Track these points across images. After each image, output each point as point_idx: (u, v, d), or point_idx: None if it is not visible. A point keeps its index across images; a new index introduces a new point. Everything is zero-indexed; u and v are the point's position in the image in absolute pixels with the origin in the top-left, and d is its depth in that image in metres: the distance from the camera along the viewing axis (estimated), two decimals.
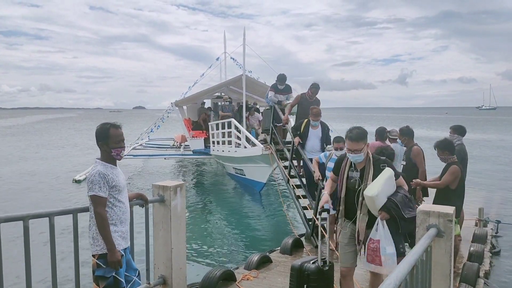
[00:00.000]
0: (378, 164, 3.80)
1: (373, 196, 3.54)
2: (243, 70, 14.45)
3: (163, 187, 4.21)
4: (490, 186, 14.47)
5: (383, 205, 3.60)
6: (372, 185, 3.63)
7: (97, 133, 3.40)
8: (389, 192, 3.67)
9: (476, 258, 5.99)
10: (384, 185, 3.59)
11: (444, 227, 2.98)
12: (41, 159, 23.67)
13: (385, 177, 3.64)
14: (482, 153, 24.84)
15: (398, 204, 3.58)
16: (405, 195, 3.70)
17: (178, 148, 20.75)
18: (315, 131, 7.83)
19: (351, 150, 3.73)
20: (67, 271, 5.90)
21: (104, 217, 3.23)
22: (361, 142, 3.71)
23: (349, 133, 3.76)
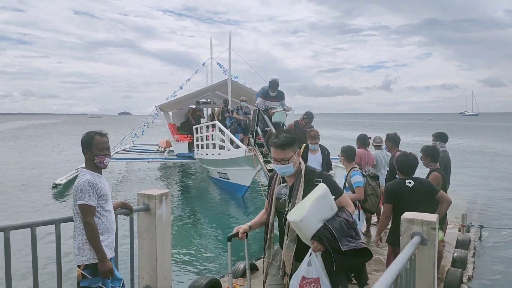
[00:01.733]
0: (311, 178, 2.95)
1: (296, 222, 2.64)
2: (228, 74, 14.47)
3: (148, 196, 4.17)
4: (473, 192, 14.69)
5: (315, 232, 2.70)
6: (298, 206, 2.77)
7: (82, 140, 3.38)
8: (323, 216, 2.77)
9: (460, 263, 6.06)
10: (313, 206, 2.68)
11: (428, 235, 3.02)
12: (23, 164, 23.25)
13: (315, 196, 2.73)
14: (465, 158, 25.24)
15: (334, 232, 2.68)
16: (345, 220, 2.80)
17: (162, 153, 20.61)
18: (315, 156, 7.21)
19: (277, 160, 2.93)
20: (50, 282, 5.79)
21: (94, 226, 3.19)
22: (288, 150, 2.90)
23: (274, 138, 2.96)
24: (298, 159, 2.99)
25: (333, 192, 2.86)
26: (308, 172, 3.00)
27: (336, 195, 2.90)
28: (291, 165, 2.93)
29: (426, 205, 4.20)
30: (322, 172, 3.01)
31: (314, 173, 2.99)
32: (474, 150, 31.74)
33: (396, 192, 4.50)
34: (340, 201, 2.94)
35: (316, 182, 2.88)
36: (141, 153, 21.91)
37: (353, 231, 2.79)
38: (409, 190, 4.45)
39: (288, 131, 3.03)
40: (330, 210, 2.80)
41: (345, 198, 3.01)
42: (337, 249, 2.66)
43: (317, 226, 2.71)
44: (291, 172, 2.96)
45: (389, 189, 4.60)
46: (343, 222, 2.76)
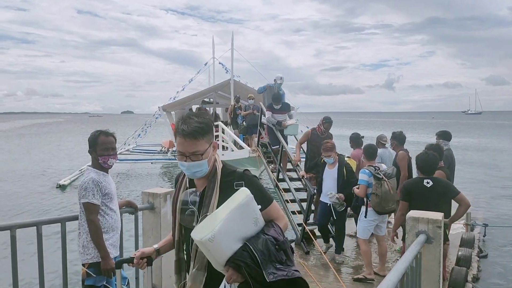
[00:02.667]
0: (230, 180, 2.14)
1: (203, 241, 1.87)
2: (231, 74, 14.47)
3: (152, 195, 4.18)
4: (477, 190, 14.66)
5: (231, 256, 1.92)
6: (207, 220, 1.97)
7: (89, 140, 3.39)
8: (244, 232, 2.00)
9: (464, 262, 6.05)
10: (230, 220, 1.94)
11: (433, 233, 3.02)
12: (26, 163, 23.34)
13: (233, 206, 1.97)
14: (468, 156, 25.17)
15: (256, 255, 1.92)
16: (273, 239, 2.03)
17: (165, 153, 20.65)
18: (331, 171, 6.34)
19: (184, 155, 2.07)
20: (55, 280, 5.81)
21: (98, 225, 3.20)
22: (202, 140, 2.07)
23: (182, 124, 2.08)
24: (214, 154, 2.20)
25: (260, 199, 2.08)
26: (226, 172, 2.18)
27: (263, 203, 2.11)
28: (205, 163, 2.09)
29: (442, 206, 4.20)
30: (245, 172, 2.19)
31: (234, 173, 2.17)
32: (478, 148, 31.66)
33: (411, 191, 4.53)
34: (269, 213, 2.15)
35: (236, 186, 2.11)
36: (144, 153, 21.97)
37: (284, 254, 2.02)
38: (426, 190, 4.46)
39: (201, 115, 2.14)
40: (253, 225, 2.02)
41: (275, 209, 2.20)
42: (260, 279, 1.92)
43: (234, 247, 1.94)
44: (204, 172, 2.11)
45: (406, 187, 4.63)
46: (270, 242, 1.99)
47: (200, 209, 2.11)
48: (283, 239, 2.06)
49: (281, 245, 2.04)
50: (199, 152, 2.06)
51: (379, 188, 5.22)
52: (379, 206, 5.26)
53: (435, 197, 4.42)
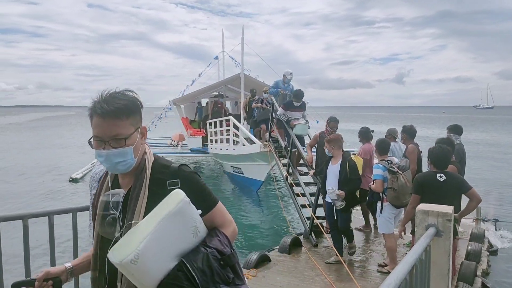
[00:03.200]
0: (162, 179, 1.69)
1: (123, 264, 1.47)
2: (241, 68, 14.45)
3: None
4: (488, 185, 14.53)
5: (163, 278, 1.53)
6: (129, 235, 1.53)
7: None
8: (179, 247, 1.58)
9: (474, 257, 6.02)
10: (159, 232, 1.53)
11: (443, 227, 3.00)
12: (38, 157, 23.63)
13: (164, 214, 1.55)
14: (480, 151, 24.91)
15: (195, 275, 1.53)
16: (217, 252, 1.61)
17: (175, 147, 20.74)
18: (333, 168, 5.96)
19: (103, 140, 1.62)
20: None
21: None
22: (126, 121, 1.63)
23: (99, 102, 1.63)
24: (143, 143, 1.75)
25: (200, 202, 1.66)
26: (157, 167, 1.72)
27: (204, 207, 1.68)
28: (130, 151, 1.64)
29: (453, 201, 4.17)
30: (180, 167, 1.72)
31: (168, 169, 1.71)
32: (489, 143, 31.32)
33: (424, 184, 4.50)
34: (212, 218, 1.72)
35: (170, 185, 1.65)
36: (154, 147, 22.09)
37: (231, 271, 1.62)
38: (439, 184, 4.43)
39: (124, 93, 1.67)
40: (191, 236, 1.60)
41: (220, 212, 1.76)
42: None
43: (167, 267, 1.53)
44: (129, 165, 1.66)
45: (418, 180, 4.60)
46: (212, 257, 1.57)
47: (124, 216, 1.64)
48: (230, 252, 1.62)
49: (227, 260, 1.60)
50: (122, 136, 1.61)
51: (395, 182, 5.21)
52: (396, 200, 5.24)
53: (448, 192, 4.39)
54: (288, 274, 5.65)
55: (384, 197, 5.43)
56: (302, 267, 5.92)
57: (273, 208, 11.80)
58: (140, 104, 1.72)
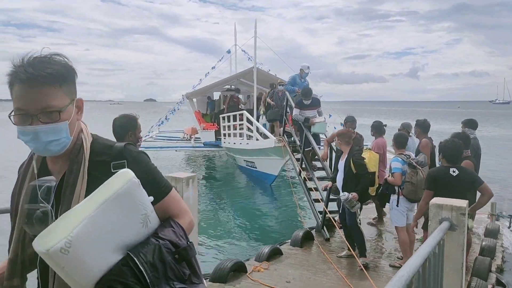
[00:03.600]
0: (104, 161, 1.41)
1: (50, 253, 1.14)
2: (254, 62, 14.42)
3: (175, 179, 4.25)
4: (503, 181, 14.32)
5: (103, 275, 1.22)
6: (58, 221, 1.21)
7: (125, 124, 3.48)
8: (125, 238, 1.29)
9: (488, 252, 5.97)
10: (99, 217, 1.23)
11: (457, 221, 2.98)
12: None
13: (107, 196, 1.26)
14: (495, 146, 24.53)
15: (144, 271, 1.26)
16: (171, 244, 1.36)
17: (188, 140, 20.86)
18: (340, 163, 5.89)
19: (28, 113, 1.29)
20: None
21: None
22: (59, 90, 1.32)
23: (22, 66, 1.28)
24: (79, 118, 1.46)
25: (152, 187, 1.40)
26: (98, 148, 1.43)
27: (157, 193, 1.42)
28: (65, 126, 1.34)
29: (467, 196, 4.13)
30: (127, 146, 1.44)
31: (112, 149, 1.42)
32: (505, 138, 30.82)
33: (437, 179, 4.46)
34: (166, 206, 1.47)
35: (115, 167, 1.38)
36: (167, 140, 22.25)
37: (186, 267, 1.38)
38: (452, 179, 4.39)
39: (52, 57, 1.34)
40: (140, 226, 1.32)
41: (175, 200, 1.52)
42: None
43: (108, 260, 1.24)
44: (64, 145, 1.36)
45: (432, 175, 4.55)
46: (165, 250, 1.32)
47: (58, 208, 1.33)
48: (186, 244, 1.38)
49: (183, 253, 1.36)
50: (55, 108, 1.29)
51: (414, 177, 5.20)
52: (414, 194, 5.22)
53: (461, 186, 4.34)
54: (299, 267, 5.67)
55: (399, 191, 5.40)
56: (314, 261, 5.93)
57: (286, 202, 11.81)
58: (74, 71, 1.38)
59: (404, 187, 5.31)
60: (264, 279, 5.15)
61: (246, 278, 5.21)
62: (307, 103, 8.82)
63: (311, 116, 8.74)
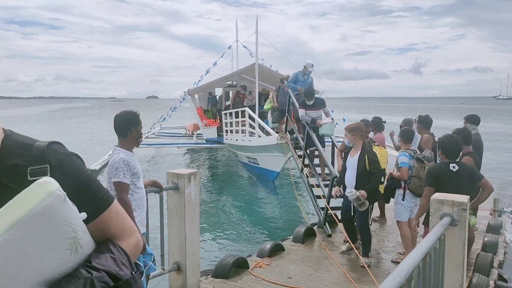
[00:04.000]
0: (20, 165, 1.03)
1: None
2: (255, 58, 14.39)
3: (177, 175, 4.27)
4: (505, 177, 14.27)
5: None
6: None
7: (129, 120, 3.47)
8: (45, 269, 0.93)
9: (490, 248, 5.95)
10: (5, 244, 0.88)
11: (458, 216, 2.97)
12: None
13: (19, 215, 0.90)
14: (498, 142, 24.46)
15: None
16: (109, 276, 1.00)
17: (190, 136, 20.87)
18: (352, 160, 5.55)
19: None
20: None
21: (129, 203, 3.31)
22: None
23: None
24: None
25: (84, 199, 1.09)
26: (12, 147, 1.07)
27: (91, 208, 1.10)
28: None
29: (468, 191, 4.12)
30: (51, 145, 1.10)
31: (31, 149, 1.07)
32: (509, 134, 30.70)
33: (438, 176, 4.45)
34: (103, 225, 1.13)
35: (33, 174, 1.03)
36: (169, 137, 22.28)
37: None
38: (453, 174, 4.39)
39: None
40: (67, 253, 0.99)
41: (118, 216, 1.18)
42: None
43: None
44: None
45: (432, 172, 4.54)
46: (99, 285, 0.97)
47: None
48: (130, 275, 1.06)
49: (125, 287, 1.03)
50: None
51: (422, 171, 5.18)
52: (421, 189, 5.20)
53: (462, 182, 4.34)
54: (301, 263, 5.67)
55: (405, 185, 5.40)
56: (316, 257, 5.93)
57: (288, 198, 11.82)
58: None
59: (411, 181, 5.30)
60: (266, 275, 5.16)
61: (248, 274, 5.21)
62: (310, 103, 8.60)
63: (316, 117, 8.51)
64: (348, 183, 5.55)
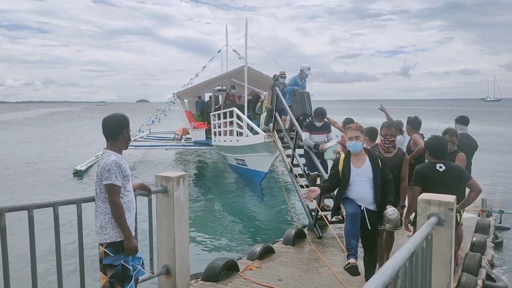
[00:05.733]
0: None
1: None
2: (244, 61, 14.40)
3: (166, 178, 4.24)
4: (494, 177, 14.45)
5: None
6: None
7: (119, 122, 3.44)
8: None
9: (479, 248, 6.01)
10: None
11: (445, 216, 3.00)
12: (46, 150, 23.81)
13: None
14: (486, 143, 24.74)
15: None
16: None
17: (179, 140, 20.84)
18: (361, 171, 4.37)
19: None
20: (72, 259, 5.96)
21: (120, 206, 3.27)
22: None
23: None
24: None
25: None
26: None
27: None
28: None
29: (455, 191, 4.15)
30: None
31: None
32: (496, 135, 31.09)
33: (424, 175, 4.48)
34: None
35: None
36: (158, 140, 22.19)
37: None
38: (439, 174, 4.42)
39: None
40: None
41: None
42: None
43: None
44: None
45: (418, 171, 4.56)
46: None
47: None
48: None
49: None
50: None
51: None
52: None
53: (449, 182, 4.37)
54: (292, 265, 5.67)
55: None
56: (306, 259, 5.94)
57: (277, 200, 11.83)
58: None
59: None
60: (256, 278, 5.15)
61: (238, 276, 5.20)
62: (319, 125, 7.80)
63: (320, 142, 7.71)
64: (363, 198, 4.36)
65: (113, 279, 3.30)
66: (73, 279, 4.81)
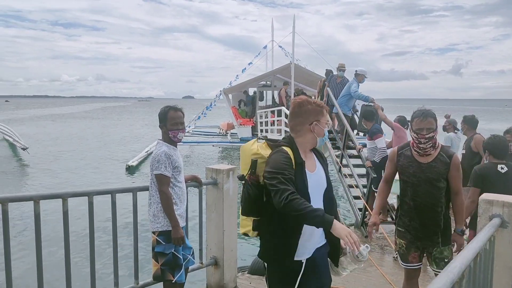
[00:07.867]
0: None
1: None
2: (292, 58, 14.36)
3: (216, 170, 4.30)
4: None
5: None
6: None
7: (159, 115, 3.53)
8: None
9: None
10: None
11: (509, 217, 2.84)
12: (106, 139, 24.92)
13: None
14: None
15: None
16: None
17: (224, 135, 21.09)
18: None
19: None
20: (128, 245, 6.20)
21: (169, 195, 3.35)
22: None
23: None
24: None
25: None
26: None
27: None
28: None
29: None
30: None
31: None
32: None
33: (485, 177, 4.24)
34: None
35: None
36: (204, 135, 22.62)
37: None
38: (501, 175, 4.17)
39: None
40: None
41: None
42: None
43: None
44: None
45: (478, 173, 4.33)
46: None
47: None
48: None
49: None
50: None
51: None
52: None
53: (510, 184, 4.13)
54: None
55: None
56: None
57: None
58: None
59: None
60: None
61: None
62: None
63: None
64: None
65: (164, 266, 3.40)
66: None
